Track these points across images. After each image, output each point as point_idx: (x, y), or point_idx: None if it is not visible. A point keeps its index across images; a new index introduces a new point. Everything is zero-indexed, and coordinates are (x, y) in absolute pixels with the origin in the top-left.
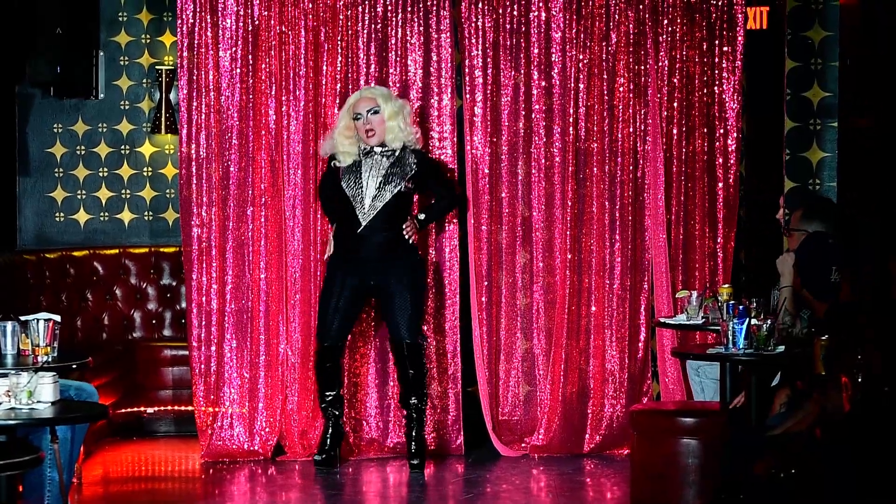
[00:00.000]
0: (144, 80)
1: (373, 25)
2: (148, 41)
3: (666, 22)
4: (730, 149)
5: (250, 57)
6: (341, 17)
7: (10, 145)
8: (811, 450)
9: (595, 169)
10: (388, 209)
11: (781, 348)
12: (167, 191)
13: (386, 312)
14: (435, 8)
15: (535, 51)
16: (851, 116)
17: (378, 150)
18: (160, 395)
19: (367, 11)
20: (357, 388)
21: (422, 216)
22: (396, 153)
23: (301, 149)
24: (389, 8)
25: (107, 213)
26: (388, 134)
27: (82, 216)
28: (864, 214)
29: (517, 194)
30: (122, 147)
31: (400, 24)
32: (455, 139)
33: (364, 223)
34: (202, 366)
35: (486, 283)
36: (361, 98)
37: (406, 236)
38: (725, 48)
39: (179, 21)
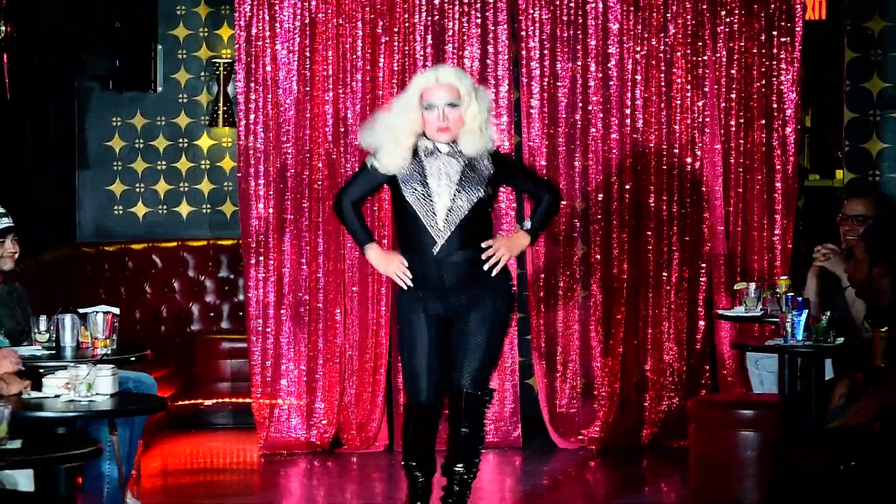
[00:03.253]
0: (202, 74)
1: (430, 18)
2: (206, 34)
3: (724, 13)
4: (788, 140)
5: (307, 50)
6: (398, 9)
7: (69, 139)
8: (870, 443)
9: (653, 161)
10: (467, 222)
11: (840, 340)
12: (225, 183)
13: (454, 349)
14: (493, 1)
15: (593, 42)
16: None
17: (444, 148)
18: (218, 388)
19: (424, 3)
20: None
21: (527, 224)
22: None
23: (358, 142)
24: (447, 1)
25: (165, 206)
26: (465, 136)
27: (141, 209)
28: None
29: (574, 186)
30: (181, 140)
31: (457, 15)
32: (513, 131)
33: (441, 242)
34: (260, 358)
35: (542, 276)
36: (438, 84)
37: (493, 268)
38: (784, 39)
39: (237, 14)
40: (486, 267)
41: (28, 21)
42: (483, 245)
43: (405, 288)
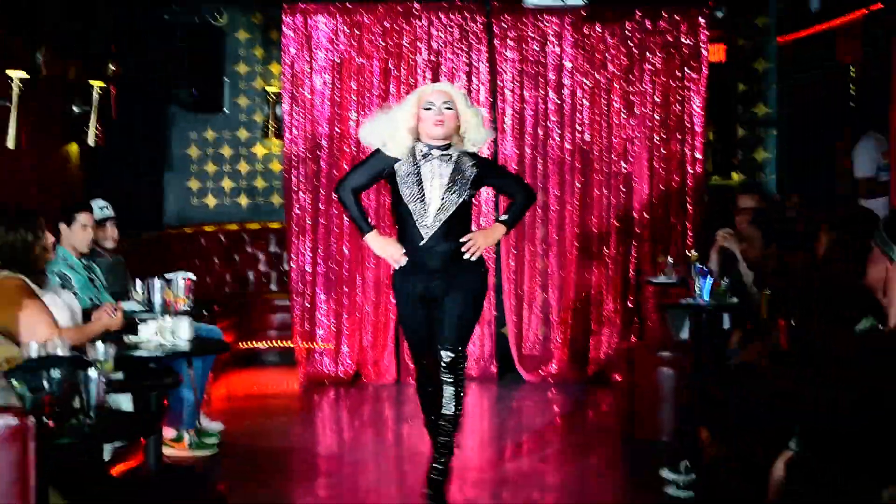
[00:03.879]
0: (257, 99)
1: (429, 57)
2: (261, 70)
3: (649, 55)
4: (697, 150)
5: (337, 81)
6: (405, 51)
7: (158, 149)
8: (758, 376)
9: (596, 165)
10: (452, 219)
11: (735, 300)
12: (274, 181)
13: (437, 324)
14: (475, 44)
15: (552, 76)
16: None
17: (436, 153)
18: (268, 335)
19: (424, 47)
20: None
21: (504, 217)
22: (453, 157)
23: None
24: (441, 45)
25: (229, 198)
26: (467, 132)
27: (211, 200)
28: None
29: (537, 183)
30: (241, 148)
31: (449, 55)
32: (490, 143)
33: (427, 237)
34: (300, 312)
35: (514, 251)
36: (436, 90)
37: (471, 256)
38: (694, 75)
39: (284, 55)
40: (465, 256)
41: (131, 61)
42: (463, 239)
43: (397, 269)
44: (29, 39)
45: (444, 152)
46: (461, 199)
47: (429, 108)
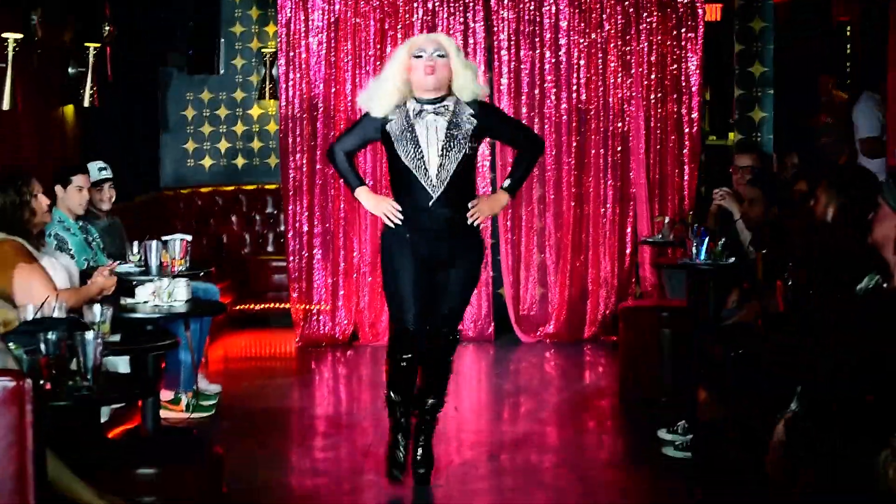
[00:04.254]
0: (253, 60)
1: (425, 17)
2: (256, 31)
3: (645, 14)
4: (694, 110)
5: (332, 41)
6: (401, 11)
7: (154, 111)
8: (754, 336)
9: (592, 124)
10: (455, 179)
11: (732, 259)
12: (270, 142)
13: (432, 299)
14: (471, 4)
15: (548, 36)
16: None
17: (430, 108)
18: (266, 296)
19: (420, 7)
20: None
21: (507, 183)
22: (451, 108)
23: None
24: (437, 4)
25: (225, 160)
26: (458, 81)
27: (207, 161)
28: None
29: None
30: (237, 110)
31: (445, 16)
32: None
33: (434, 196)
34: (296, 274)
35: (510, 211)
36: (428, 39)
37: (475, 222)
38: (690, 35)
39: (279, 15)
40: (469, 222)
41: (125, 23)
42: (469, 205)
43: (393, 227)
44: (24, 1)
45: (439, 105)
46: (461, 155)
47: (419, 56)
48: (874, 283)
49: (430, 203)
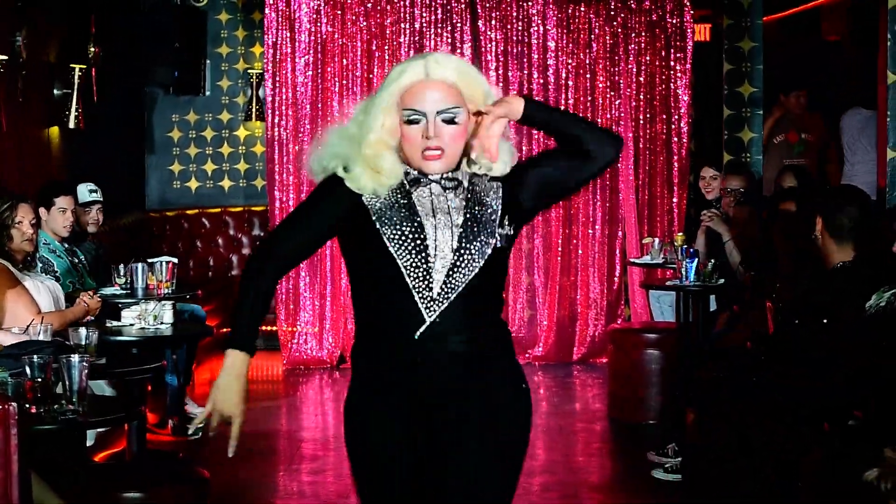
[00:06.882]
0: (240, 81)
1: (412, 38)
2: (242, 52)
3: (634, 35)
4: (682, 130)
5: (319, 62)
6: (388, 32)
7: (140, 132)
8: (744, 357)
9: None
10: (474, 290)
11: (721, 281)
12: (256, 164)
13: (449, 471)
14: (459, 24)
15: (536, 56)
16: (772, 105)
17: (435, 176)
18: None
19: (407, 28)
20: None
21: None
22: (465, 183)
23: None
24: (425, 25)
25: (211, 181)
26: (482, 157)
27: (193, 183)
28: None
29: None
30: (223, 131)
31: (432, 36)
32: None
33: (429, 319)
34: (283, 295)
35: None
36: (430, 81)
37: (500, 365)
38: (678, 55)
39: (266, 36)
40: (478, 162)
41: (111, 43)
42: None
43: (355, 397)
44: (8, 22)
45: (447, 180)
46: (490, 249)
47: (414, 122)
48: (885, 300)
49: (421, 329)
